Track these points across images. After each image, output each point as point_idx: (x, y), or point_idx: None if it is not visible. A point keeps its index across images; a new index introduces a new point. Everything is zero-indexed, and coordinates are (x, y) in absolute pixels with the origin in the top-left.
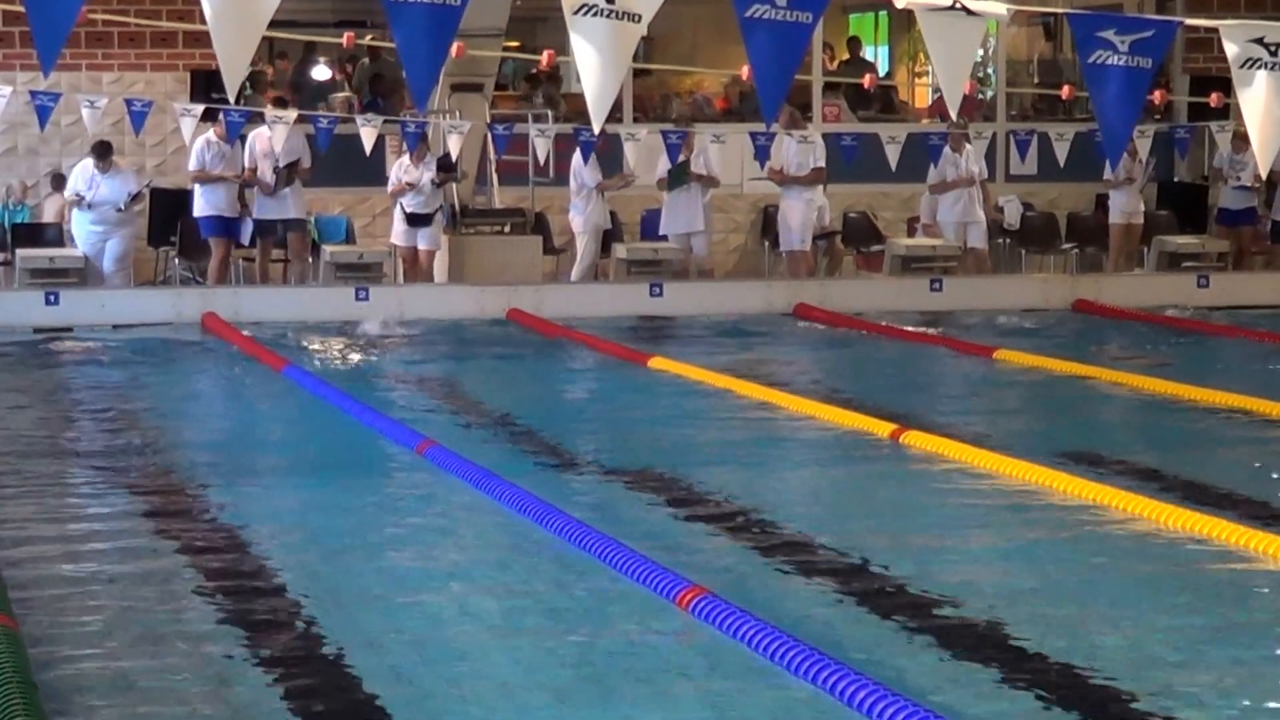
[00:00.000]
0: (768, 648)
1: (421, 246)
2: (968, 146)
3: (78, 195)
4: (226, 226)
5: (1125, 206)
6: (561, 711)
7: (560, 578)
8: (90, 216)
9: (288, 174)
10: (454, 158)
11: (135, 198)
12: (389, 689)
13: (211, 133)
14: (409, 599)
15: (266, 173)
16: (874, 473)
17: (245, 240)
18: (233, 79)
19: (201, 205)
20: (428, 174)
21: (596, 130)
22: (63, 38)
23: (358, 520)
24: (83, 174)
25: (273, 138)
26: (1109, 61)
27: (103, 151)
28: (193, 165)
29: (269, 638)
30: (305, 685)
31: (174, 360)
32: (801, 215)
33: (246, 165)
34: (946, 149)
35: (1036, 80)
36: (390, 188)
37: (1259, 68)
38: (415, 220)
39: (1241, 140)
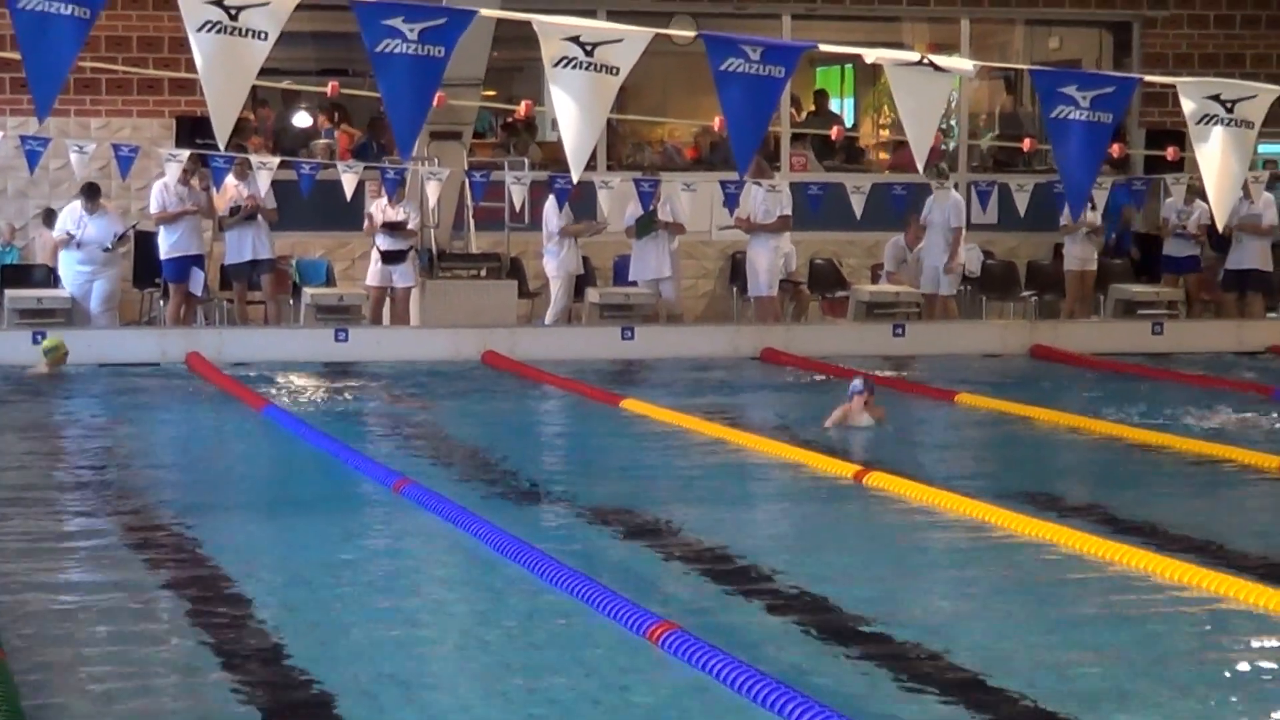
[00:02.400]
0: (735, 682)
1: (398, 285)
2: (954, 196)
3: (67, 234)
4: (188, 269)
5: (1080, 254)
6: None
7: (531, 611)
8: (78, 257)
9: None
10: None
11: (121, 239)
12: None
13: (169, 177)
14: (383, 631)
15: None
16: (838, 512)
17: (196, 289)
18: (222, 126)
19: (164, 246)
20: (413, 215)
21: (575, 179)
22: (58, 86)
23: (336, 555)
24: (71, 215)
25: (238, 185)
26: (1071, 116)
27: (91, 193)
28: (152, 208)
29: (247, 667)
30: (282, 709)
31: (157, 399)
32: (768, 262)
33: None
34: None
35: (998, 133)
36: (366, 226)
37: (1215, 123)
38: (390, 258)
39: (1192, 192)
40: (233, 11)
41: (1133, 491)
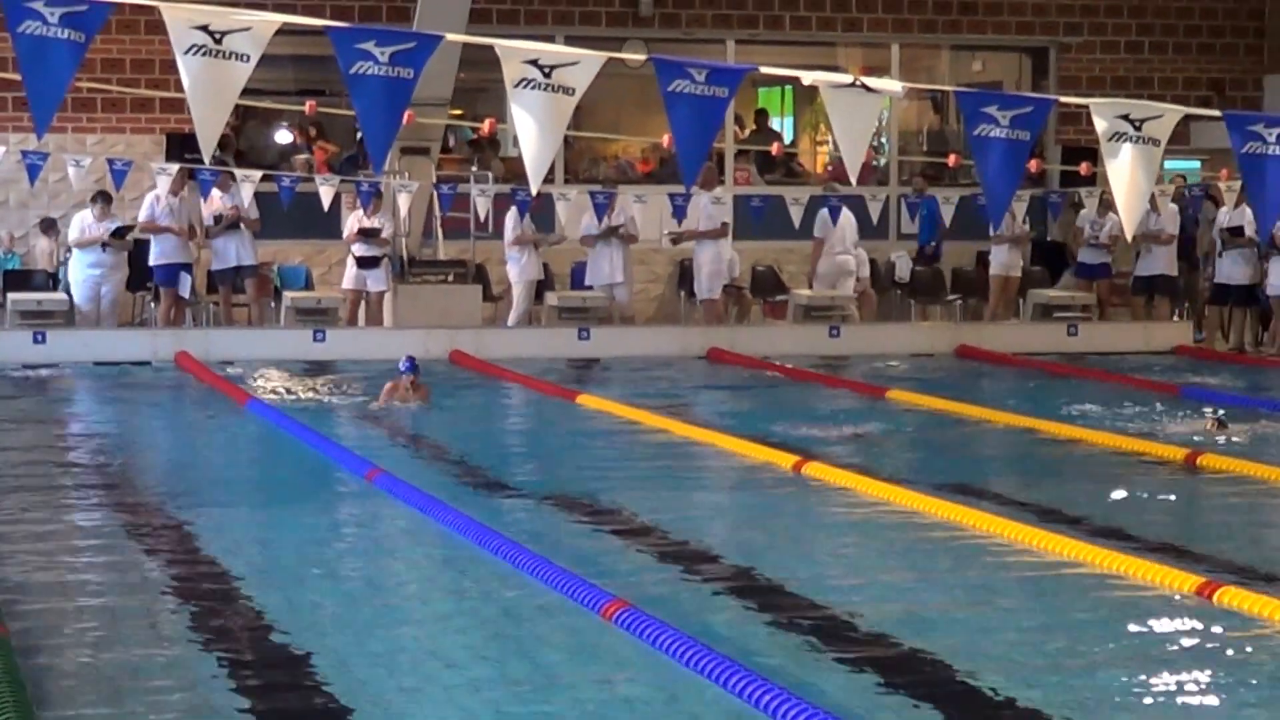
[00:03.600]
0: (684, 655)
1: (372, 289)
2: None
3: (82, 232)
4: (177, 274)
5: (1005, 261)
6: (485, 701)
7: (494, 591)
8: (87, 261)
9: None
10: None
11: (117, 233)
12: (342, 687)
13: (160, 189)
14: (357, 608)
15: (208, 220)
16: (777, 499)
17: (184, 293)
18: (208, 142)
19: (154, 254)
20: (386, 225)
21: (534, 191)
22: (56, 104)
23: (312, 538)
24: (81, 221)
25: (222, 196)
26: (992, 134)
27: (104, 200)
28: (142, 217)
29: (230, 639)
30: (263, 683)
31: (149, 394)
32: (711, 266)
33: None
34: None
35: (925, 149)
36: (346, 235)
37: (1125, 141)
38: (364, 264)
39: (1104, 205)
40: (217, 36)
41: (1049, 480)
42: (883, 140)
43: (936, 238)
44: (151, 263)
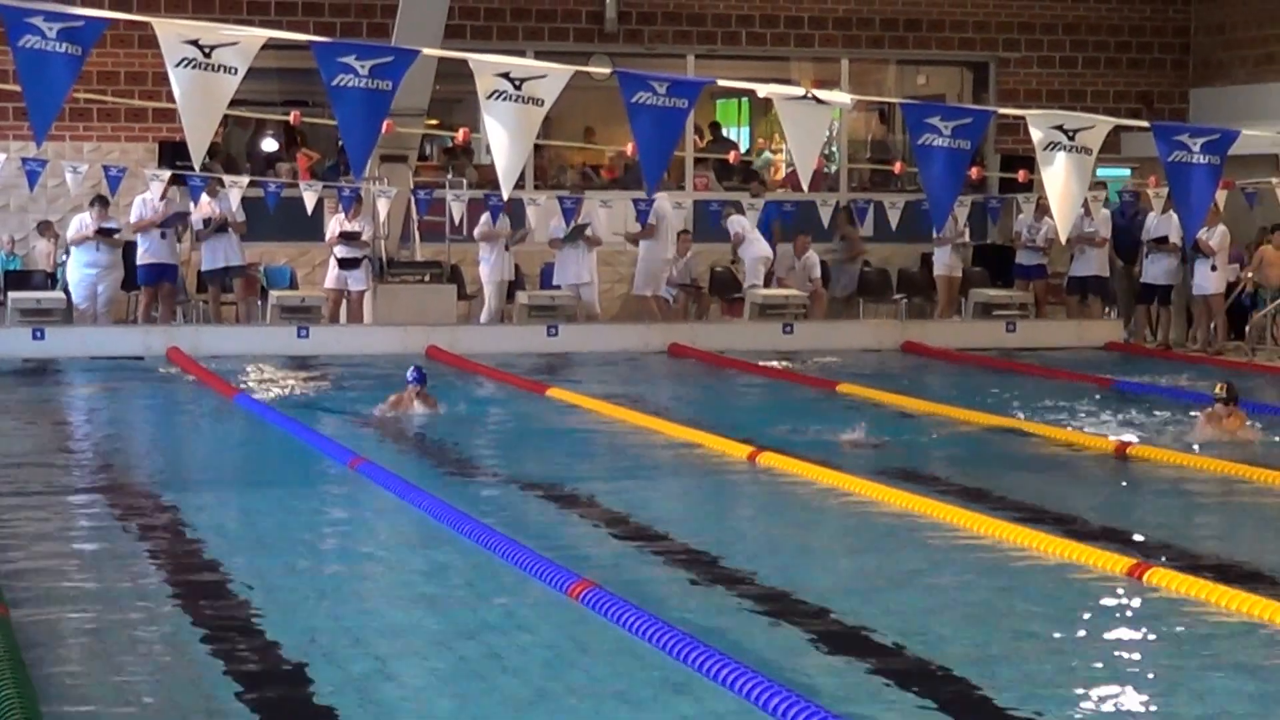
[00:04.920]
0: (645, 632)
1: (353, 288)
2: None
3: (81, 228)
4: (160, 273)
5: (948, 262)
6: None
7: (468, 571)
8: (84, 260)
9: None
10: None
11: (107, 232)
12: (323, 671)
13: (151, 193)
14: (339, 588)
15: (197, 224)
16: (733, 486)
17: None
18: (198, 150)
19: (141, 254)
20: (367, 228)
21: (506, 196)
22: (54, 114)
23: (298, 522)
24: (79, 223)
25: (211, 201)
26: (935, 143)
27: (102, 203)
28: (133, 219)
29: (216, 618)
30: (245, 654)
31: (142, 387)
32: (641, 264)
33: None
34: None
35: (869, 155)
36: (328, 237)
37: (1059, 150)
38: (345, 265)
39: (1040, 210)
40: (206, 50)
41: (989, 467)
42: (833, 149)
43: (773, 240)
44: (138, 262)
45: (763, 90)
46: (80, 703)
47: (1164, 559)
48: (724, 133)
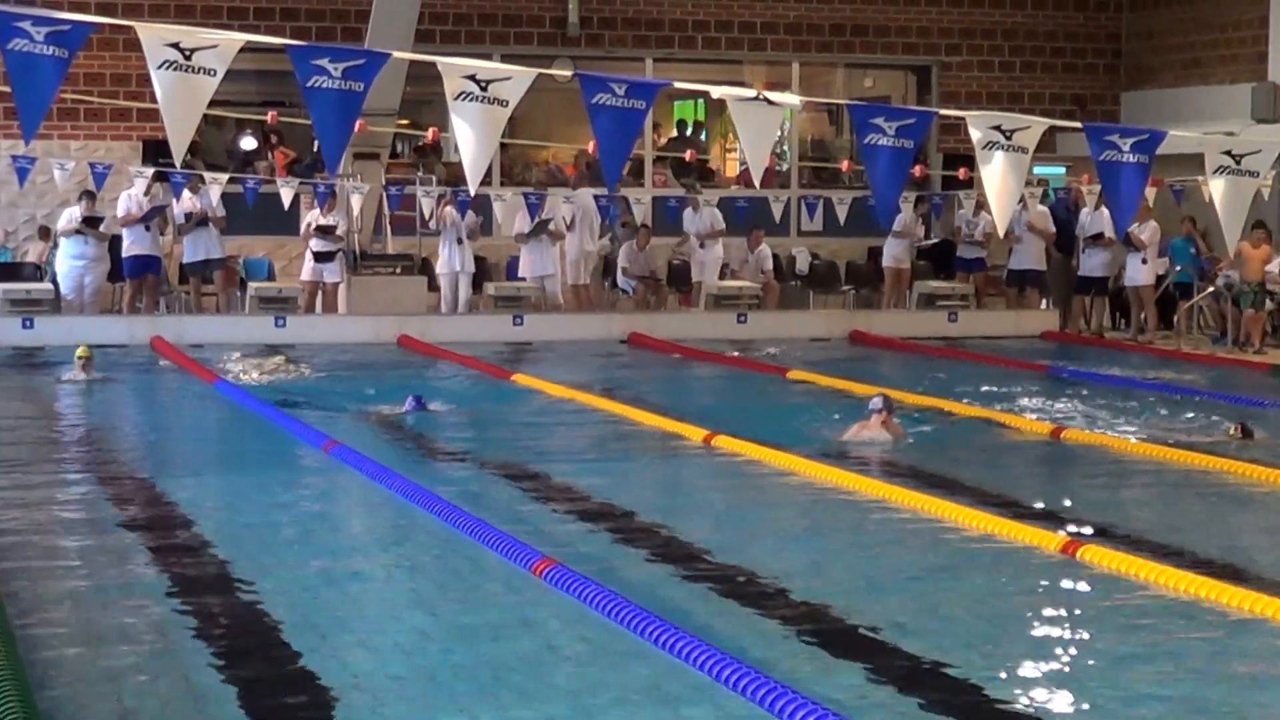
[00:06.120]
0: (604, 607)
1: (328, 280)
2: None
3: (70, 221)
4: (145, 265)
5: (897, 255)
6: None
7: (438, 549)
8: (72, 253)
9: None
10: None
11: (93, 222)
12: (298, 635)
13: (135, 189)
14: (314, 565)
15: (179, 218)
16: (689, 466)
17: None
18: (179, 147)
19: (126, 246)
20: (341, 222)
21: (472, 192)
22: (42, 113)
23: (275, 502)
24: (67, 216)
25: (192, 197)
26: (880, 142)
27: (90, 197)
28: (120, 213)
29: (198, 594)
30: (227, 629)
31: (127, 374)
32: (573, 255)
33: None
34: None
35: (812, 155)
36: (304, 231)
37: (997, 149)
38: (320, 257)
39: (979, 206)
40: (187, 53)
41: (930, 449)
42: (785, 148)
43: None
44: (123, 255)
45: (716, 92)
46: (61, 645)
47: (1096, 537)
48: (687, 132)
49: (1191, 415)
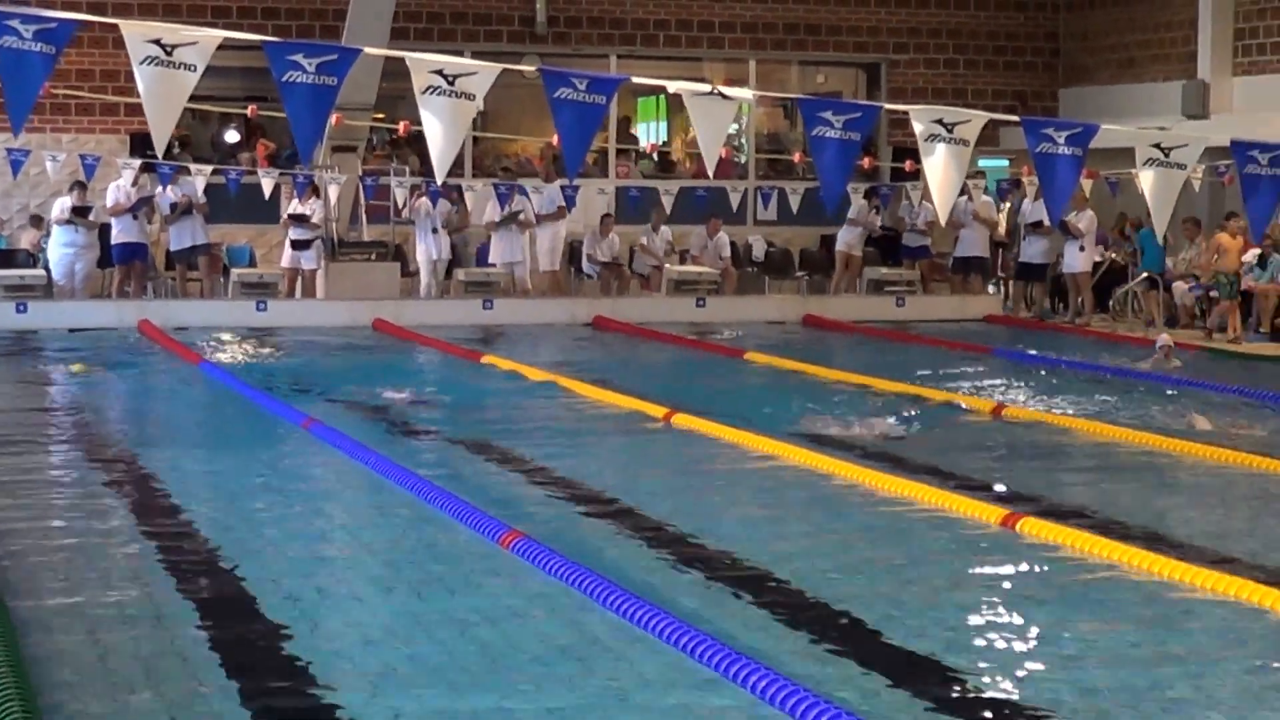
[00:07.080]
0: (569, 578)
1: (306, 267)
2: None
3: (61, 211)
4: (132, 252)
5: (850, 241)
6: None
7: (411, 523)
8: (64, 240)
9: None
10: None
11: (82, 211)
12: (280, 609)
13: (123, 180)
14: (294, 538)
15: (164, 208)
16: (650, 444)
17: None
18: (160, 140)
19: (115, 234)
20: (318, 211)
21: (440, 182)
22: (30, 107)
23: (257, 478)
24: (60, 205)
25: (173, 188)
26: (827, 135)
27: (80, 188)
28: (109, 203)
29: (183, 567)
30: (211, 600)
31: (116, 356)
32: (549, 243)
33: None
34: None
35: (767, 148)
36: (284, 219)
37: (939, 141)
38: (298, 245)
39: (923, 196)
40: (168, 49)
41: (879, 426)
42: (742, 140)
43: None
44: (112, 242)
45: (672, 87)
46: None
47: (1034, 509)
48: (632, 130)
49: (1126, 394)
